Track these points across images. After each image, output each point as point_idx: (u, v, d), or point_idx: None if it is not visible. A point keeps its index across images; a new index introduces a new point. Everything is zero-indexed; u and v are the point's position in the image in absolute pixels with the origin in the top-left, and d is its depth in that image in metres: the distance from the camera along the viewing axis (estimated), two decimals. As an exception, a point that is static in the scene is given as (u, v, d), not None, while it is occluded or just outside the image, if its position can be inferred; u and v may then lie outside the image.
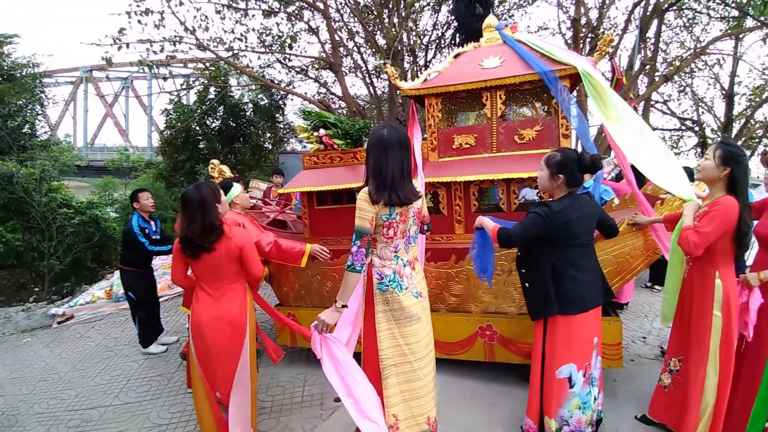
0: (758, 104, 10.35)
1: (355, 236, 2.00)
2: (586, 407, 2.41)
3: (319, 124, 3.49)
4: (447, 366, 3.34)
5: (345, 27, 9.09)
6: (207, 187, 2.40)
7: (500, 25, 3.27)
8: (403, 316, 2.11)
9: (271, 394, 3.34)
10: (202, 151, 9.58)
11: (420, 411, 2.15)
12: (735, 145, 2.35)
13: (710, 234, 2.17)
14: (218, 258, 2.37)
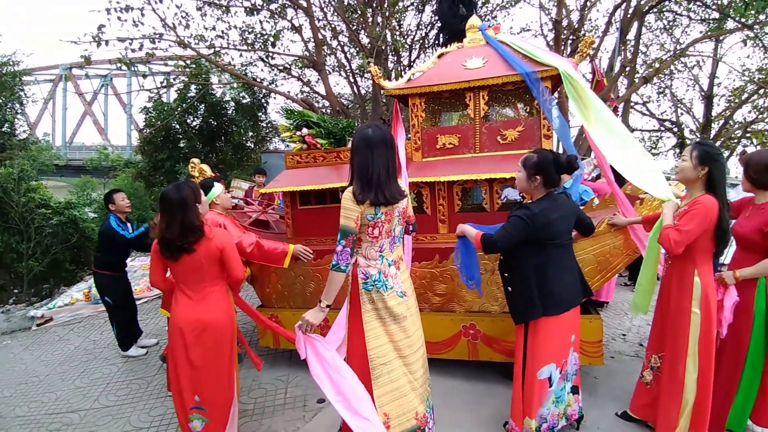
0: (737, 105, 10.62)
1: (340, 236, 1.99)
2: (560, 401, 2.48)
3: (301, 123, 3.45)
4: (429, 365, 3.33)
5: (328, 25, 9.05)
6: (187, 187, 2.36)
7: (483, 25, 3.29)
8: (389, 315, 2.11)
9: (253, 397, 3.30)
10: (182, 149, 9.41)
11: (409, 407, 2.16)
12: (711, 144, 2.39)
13: (691, 232, 2.21)
14: (198, 260, 2.33)
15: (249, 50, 9.04)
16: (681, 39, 10.25)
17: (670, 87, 11.59)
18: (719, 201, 2.24)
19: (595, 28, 10.11)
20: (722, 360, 2.51)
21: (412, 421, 2.16)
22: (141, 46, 7.27)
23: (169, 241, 2.29)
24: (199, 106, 9.64)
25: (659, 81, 11.20)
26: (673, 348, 2.41)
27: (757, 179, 2.39)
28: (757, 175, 2.38)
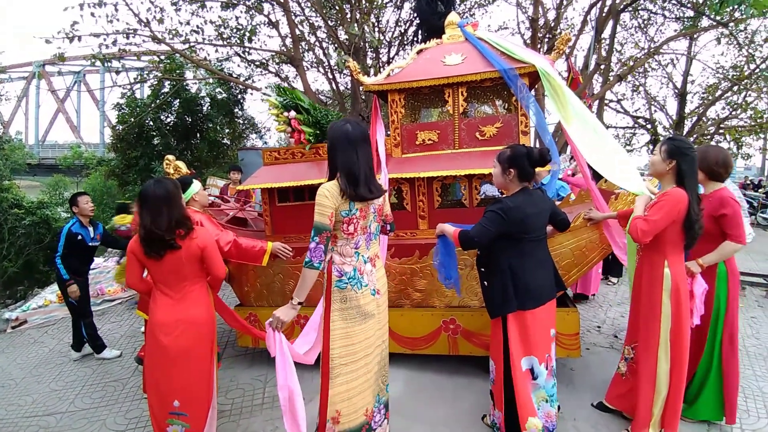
0: (711, 102, 10.93)
1: (313, 232, 1.98)
2: (553, 400, 2.47)
3: (291, 104, 3.35)
4: (409, 361, 3.37)
5: (306, 21, 8.95)
6: (170, 182, 2.32)
7: (462, 22, 3.30)
8: (359, 314, 2.12)
9: (230, 397, 3.26)
10: (156, 147, 9.19)
11: (362, 404, 2.18)
12: (681, 139, 2.45)
13: (658, 222, 2.26)
14: (180, 258, 2.27)
15: (225, 45, 8.87)
16: (655, 37, 10.52)
17: (644, 85, 11.89)
18: (689, 194, 2.28)
19: (571, 27, 10.29)
20: None
21: (361, 417, 2.19)
22: (115, 42, 7.11)
23: (157, 237, 2.21)
24: (174, 103, 9.43)
25: (633, 79, 11.47)
26: (646, 339, 2.46)
27: (714, 172, 2.53)
28: (716, 168, 2.53)
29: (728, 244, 2.47)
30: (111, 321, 5.28)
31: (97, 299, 5.77)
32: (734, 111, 10.83)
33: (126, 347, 4.40)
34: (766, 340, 3.98)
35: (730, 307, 2.57)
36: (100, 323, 4.72)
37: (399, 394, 3.08)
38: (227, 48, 9.03)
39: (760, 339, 4.02)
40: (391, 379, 3.18)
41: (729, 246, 2.47)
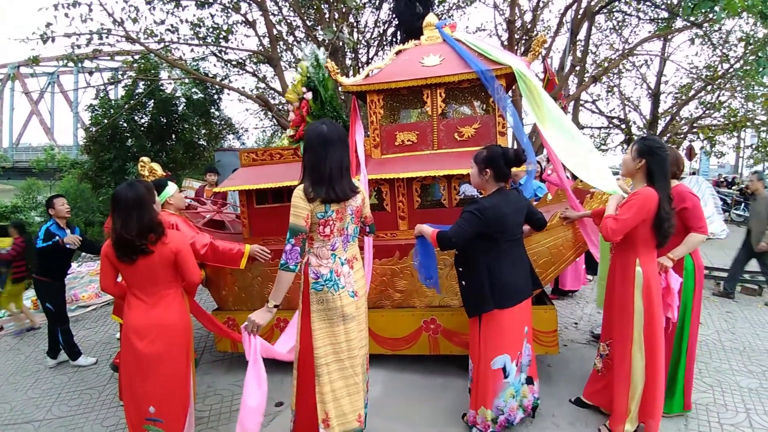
0: (684, 102, 11.26)
1: (289, 234, 1.98)
2: (518, 394, 2.56)
3: (314, 86, 3.28)
4: (389, 362, 3.36)
5: (284, 21, 8.87)
6: (141, 185, 2.28)
7: (440, 23, 3.31)
8: (337, 315, 2.11)
9: (208, 404, 3.20)
10: (130, 148, 9.02)
11: (352, 408, 2.18)
12: (653, 139, 2.49)
13: (628, 221, 2.30)
14: (153, 263, 2.23)
15: (200, 45, 8.73)
16: (630, 39, 10.79)
17: (619, 85, 12.20)
18: (659, 193, 2.33)
19: (548, 29, 10.48)
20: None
21: (354, 423, 2.18)
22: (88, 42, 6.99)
23: (127, 242, 2.17)
24: (148, 103, 9.24)
25: (608, 80, 11.75)
26: (620, 336, 2.51)
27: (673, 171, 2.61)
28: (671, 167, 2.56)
29: (693, 235, 2.56)
30: (86, 327, 5.14)
31: (71, 305, 5.62)
32: (707, 110, 11.19)
33: (101, 354, 4.31)
34: (741, 335, 4.10)
35: (696, 301, 2.65)
36: (75, 330, 4.59)
37: (378, 395, 3.07)
38: (203, 47, 8.90)
39: (735, 334, 4.13)
40: (370, 381, 3.21)
41: (695, 237, 2.56)
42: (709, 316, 4.55)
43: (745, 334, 4.11)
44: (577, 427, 2.69)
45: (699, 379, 3.24)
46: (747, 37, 8.36)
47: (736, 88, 10.12)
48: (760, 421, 2.77)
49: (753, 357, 3.64)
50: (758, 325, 4.33)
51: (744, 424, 2.75)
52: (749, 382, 3.24)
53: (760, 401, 2.98)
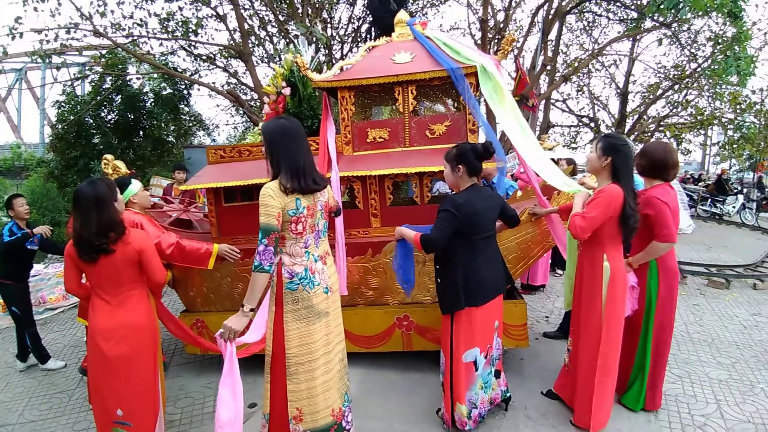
0: (652, 101, 11.64)
1: (261, 234, 1.94)
2: (487, 386, 2.60)
3: (293, 83, 3.22)
4: (362, 359, 3.36)
5: (256, 15, 8.72)
6: (102, 183, 2.24)
7: (411, 20, 3.32)
8: (312, 314, 2.09)
9: (179, 407, 3.14)
10: (96, 146, 8.71)
11: (325, 404, 2.17)
12: (616, 136, 2.53)
13: (595, 218, 2.33)
14: (116, 263, 2.19)
15: (169, 39, 8.51)
16: (599, 39, 11.08)
17: (588, 85, 12.57)
18: (624, 190, 2.36)
19: (520, 28, 10.65)
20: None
21: (328, 417, 2.18)
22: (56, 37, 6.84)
23: (86, 241, 2.13)
24: (115, 99, 8.93)
25: (578, 79, 12.07)
26: (586, 331, 2.55)
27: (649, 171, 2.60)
28: (650, 167, 2.58)
29: (655, 244, 2.50)
30: (54, 330, 4.97)
31: (39, 307, 5.44)
32: (674, 109, 11.60)
33: (70, 357, 4.19)
34: (709, 327, 4.22)
35: (662, 299, 2.62)
36: (43, 332, 4.47)
37: (354, 392, 3.03)
38: (172, 42, 8.67)
39: (703, 326, 4.26)
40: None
41: (656, 246, 2.50)
42: (677, 310, 4.68)
43: (713, 327, 4.23)
44: (549, 418, 2.74)
45: (668, 371, 3.24)
46: (716, 37, 8.61)
47: (704, 86, 10.50)
48: (731, 413, 2.82)
49: (722, 349, 3.75)
50: (726, 318, 4.46)
51: (715, 415, 2.80)
52: (719, 373, 3.32)
53: (731, 393, 3.05)
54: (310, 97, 3.30)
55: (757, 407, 2.88)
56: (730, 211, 11.88)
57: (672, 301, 2.66)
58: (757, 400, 2.96)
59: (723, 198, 12.37)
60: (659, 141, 3.33)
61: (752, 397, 3.01)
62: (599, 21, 10.69)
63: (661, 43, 9.36)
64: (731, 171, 18.33)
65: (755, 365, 3.45)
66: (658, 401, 2.78)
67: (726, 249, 8.00)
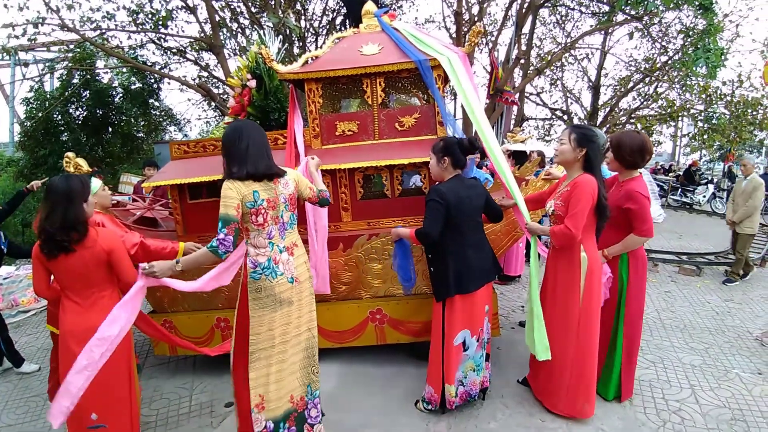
0: (623, 94, 11.86)
1: (220, 224, 2.00)
2: (479, 369, 2.67)
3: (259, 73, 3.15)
4: (340, 355, 3.35)
5: (227, 6, 8.53)
6: (77, 180, 2.22)
7: (379, 12, 3.28)
8: (274, 302, 2.15)
9: (155, 408, 3.08)
10: (65, 143, 8.47)
11: (286, 391, 2.23)
12: (587, 127, 2.52)
13: (582, 212, 2.32)
14: (83, 263, 2.14)
15: (138, 32, 8.26)
16: (572, 33, 11.21)
17: (561, 78, 12.74)
18: (597, 179, 2.38)
19: (494, 22, 10.70)
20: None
21: (287, 404, 2.25)
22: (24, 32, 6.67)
23: (48, 234, 2.09)
24: (83, 94, 8.66)
25: (551, 73, 12.23)
26: (563, 320, 2.54)
27: (630, 160, 2.55)
28: (631, 157, 2.53)
29: (632, 237, 2.53)
30: (27, 333, 4.81)
31: (11, 310, 5.30)
32: (645, 101, 11.86)
33: (44, 360, 4.05)
34: (681, 313, 4.32)
35: (633, 288, 2.63)
36: (16, 336, 4.34)
37: (332, 388, 3.06)
38: (141, 35, 8.43)
39: (675, 312, 4.35)
40: (323, 375, 3.13)
41: (633, 239, 2.53)
42: (648, 297, 4.73)
43: (685, 313, 4.33)
44: (525, 407, 2.78)
45: (641, 357, 3.33)
46: (687, 29, 8.77)
47: (674, 79, 10.73)
48: (706, 398, 2.87)
49: (694, 334, 3.83)
50: (697, 304, 4.57)
51: (690, 400, 2.85)
52: (692, 358, 3.39)
53: (705, 378, 3.11)
54: (276, 89, 3.23)
55: (733, 392, 2.94)
56: (701, 200, 12.24)
57: (642, 288, 2.68)
58: (732, 385, 3.02)
59: (693, 188, 12.75)
60: (630, 130, 3.33)
61: (727, 382, 3.07)
62: (572, 15, 10.85)
63: (632, 37, 9.55)
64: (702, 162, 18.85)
65: (729, 350, 3.53)
66: (630, 390, 2.80)
67: (697, 237, 8.24)
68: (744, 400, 2.86)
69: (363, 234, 3.11)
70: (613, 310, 2.68)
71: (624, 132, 2.78)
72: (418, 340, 3.22)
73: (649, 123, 11.29)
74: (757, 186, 5.18)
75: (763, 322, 4.11)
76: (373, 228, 3.15)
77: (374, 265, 3.15)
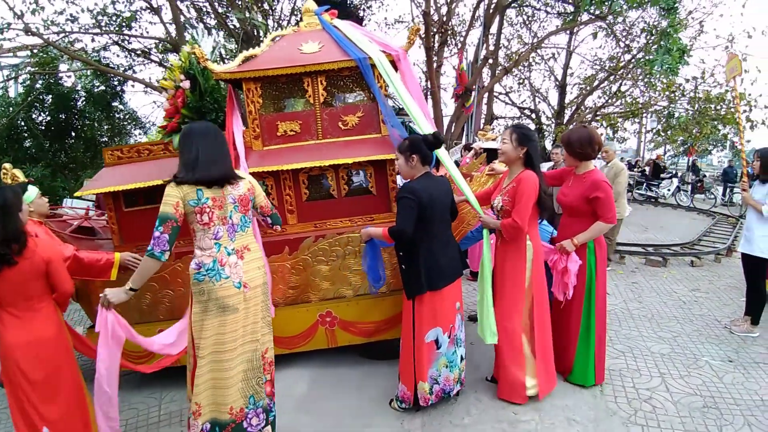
0: (588, 92, 12.08)
1: (158, 222, 1.96)
2: (453, 365, 2.66)
3: (192, 73, 3.06)
4: (313, 359, 3.32)
5: (192, 6, 8.39)
6: (9, 191, 2.15)
7: (319, 10, 3.23)
8: (218, 306, 2.07)
9: (123, 418, 2.95)
10: (28, 150, 8.23)
11: (224, 401, 2.15)
12: (526, 127, 2.68)
13: (527, 206, 2.47)
14: (23, 274, 2.08)
15: (102, 34, 8.10)
16: (538, 33, 11.36)
17: (529, 78, 12.95)
18: (537, 174, 2.54)
19: (463, 22, 10.75)
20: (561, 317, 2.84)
21: (225, 414, 2.16)
22: None
23: None
24: (46, 99, 8.45)
25: (519, 72, 12.38)
26: (510, 310, 2.63)
27: (582, 152, 2.69)
28: (582, 149, 2.68)
29: (599, 224, 2.66)
30: None
31: None
32: (610, 99, 12.08)
33: None
34: (648, 303, 4.36)
35: (600, 274, 2.78)
36: None
37: (304, 391, 3.03)
38: (105, 37, 8.28)
39: (642, 302, 4.40)
40: (296, 379, 3.15)
41: (600, 226, 2.67)
42: (616, 287, 4.82)
43: (652, 303, 4.37)
44: (498, 401, 2.78)
45: (610, 346, 3.38)
46: (651, 28, 8.96)
47: (638, 77, 10.95)
48: (677, 386, 2.91)
49: (662, 324, 3.87)
50: (664, 294, 4.63)
51: (660, 388, 2.88)
52: (661, 347, 3.42)
53: (674, 366, 3.14)
54: (213, 89, 3.14)
55: (704, 380, 2.97)
56: (665, 194, 12.51)
57: (605, 273, 2.84)
58: (702, 373, 3.05)
59: (658, 182, 13.01)
60: (576, 126, 3.47)
61: (697, 370, 3.10)
62: (538, 15, 10.99)
63: (596, 36, 9.71)
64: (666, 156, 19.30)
65: (697, 338, 3.57)
66: (603, 374, 2.92)
67: (662, 229, 8.39)
68: (715, 388, 2.89)
69: (309, 236, 3.04)
70: (582, 297, 2.77)
71: (571, 129, 2.91)
72: (371, 340, 3.19)
73: (613, 120, 11.51)
74: (618, 172, 5.21)
75: (730, 310, 4.16)
76: (320, 229, 3.10)
77: (322, 267, 3.09)
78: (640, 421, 2.58)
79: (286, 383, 3.06)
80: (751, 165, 3.64)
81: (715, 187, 13.11)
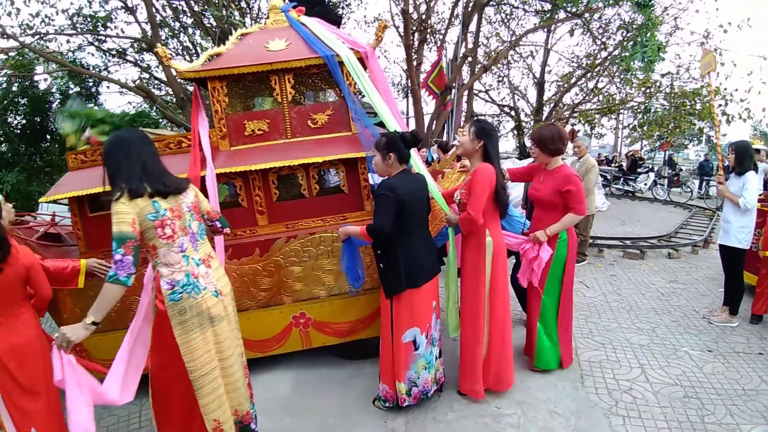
0: (566, 89, 12.22)
1: (115, 245, 1.79)
2: (430, 366, 2.66)
3: (85, 124, 3.05)
4: (296, 359, 3.29)
5: (168, 5, 8.26)
6: None
7: (286, 7, 3.18)
8: (204, 320, 1.99)
9: (104, 425, 2.92)
10: (4, 154, 8.03)
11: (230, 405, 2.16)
12: (486, 121, 2.70)
13: (480, 197, 2.47)
14: (7, 280, 2.04)
15: (77, 34, 7.94)
16: (517, 31, 11.44)
17: (508, 76, 13.05)
18: (495, 168, 2.54)
19: (442, 20, 10.77)
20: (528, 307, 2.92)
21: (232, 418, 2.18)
22: None
23: None
24: (21, 102, 8.26)
25: (498, 70, 12.47)
26: (473, 304, 2.66)
27: (554, 148, 2.76)
28: (554, 145, 2.76)
29: (570, 215, 2.75)
30: None
31: None
32: (587, 96, 12.24)
33: None
34: (627, 295, 4.41)
35: (569, 263, 2.85)
36: None
37: (288, 393, 3.00)
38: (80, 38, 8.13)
39: (621, 294, 4.44)
40: (280, 381, 3.12)
41: (571, 218, 2.76)
42: (595, 280, 4.87)
43: (630, 295, 4.42)
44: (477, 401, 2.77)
45: (590, 338, 3.41)
46: (627, 25, 9.06)
47: (615, 74, 11.11)
48: (657, 376, 2.93)
49: (641, 315, 3.90)
50: (642, 286, 4.67)
51: (640, 379, 2.91)
52: (640, 338, 3.45)
53: (654, 357, 3.17)
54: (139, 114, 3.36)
55: (683, 370, 3.00)
56: (642, 188, 12.71)
57: (574, 262, 2.90)
58: (682, 363, 3.08)
59: (635, 176, 13.21)
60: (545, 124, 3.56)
61: (677, 360, 3.13)
62: (516, 13, 11.06)
63: (572, 34, 9.80)
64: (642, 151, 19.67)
65: (676, 329, 3.61)
66: (570, 357, 2.99)
67: (639, 223, 8.50)
68: (696, 378, 2.92)
69: (281, 237, 3.00)
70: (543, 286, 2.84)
71: (539, 127, 2.98)
72: (346, 340, 3.16)
73: (591, 117, 11.67)
74: (590, 168, 5.31)
75: (709, 301, 4.21)
76: (291, 230, 3.05)
77: (294, 268, 3.04)
78: (621, 412, 2.61)
79: (269, 385, 3.04)
80: (727, 158, 3.71)
81: (692, 181, 13.34)
